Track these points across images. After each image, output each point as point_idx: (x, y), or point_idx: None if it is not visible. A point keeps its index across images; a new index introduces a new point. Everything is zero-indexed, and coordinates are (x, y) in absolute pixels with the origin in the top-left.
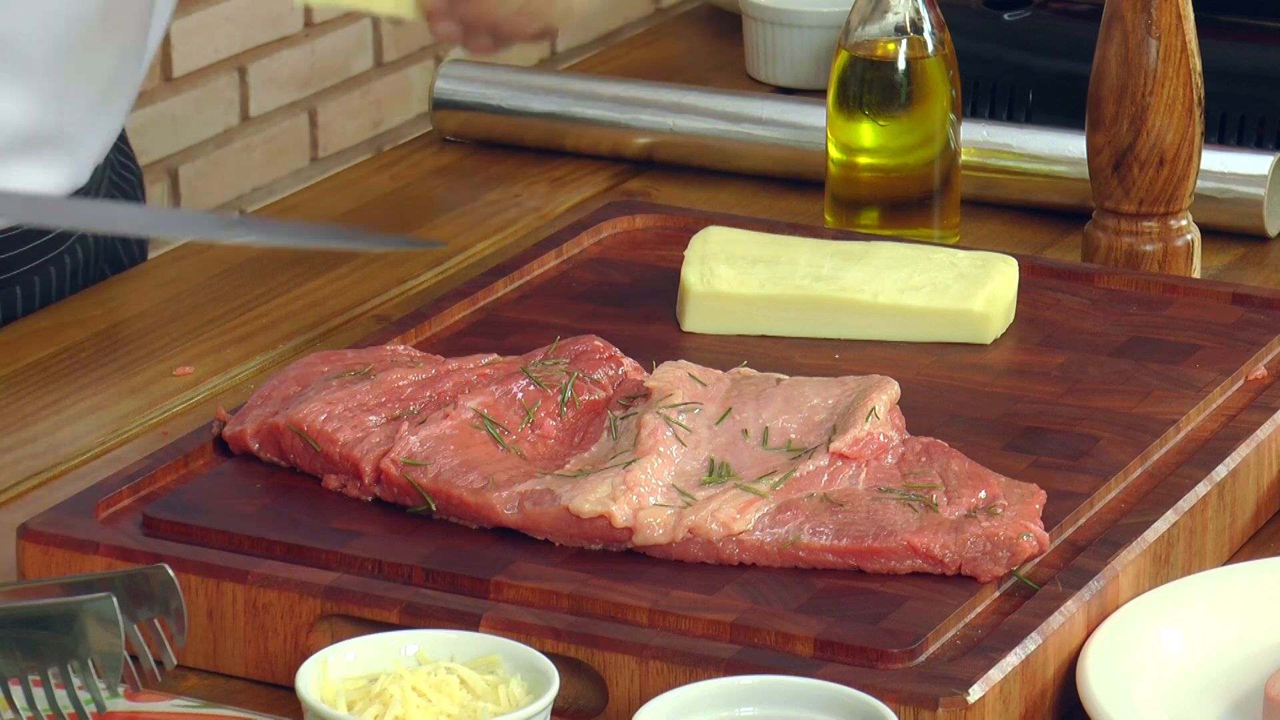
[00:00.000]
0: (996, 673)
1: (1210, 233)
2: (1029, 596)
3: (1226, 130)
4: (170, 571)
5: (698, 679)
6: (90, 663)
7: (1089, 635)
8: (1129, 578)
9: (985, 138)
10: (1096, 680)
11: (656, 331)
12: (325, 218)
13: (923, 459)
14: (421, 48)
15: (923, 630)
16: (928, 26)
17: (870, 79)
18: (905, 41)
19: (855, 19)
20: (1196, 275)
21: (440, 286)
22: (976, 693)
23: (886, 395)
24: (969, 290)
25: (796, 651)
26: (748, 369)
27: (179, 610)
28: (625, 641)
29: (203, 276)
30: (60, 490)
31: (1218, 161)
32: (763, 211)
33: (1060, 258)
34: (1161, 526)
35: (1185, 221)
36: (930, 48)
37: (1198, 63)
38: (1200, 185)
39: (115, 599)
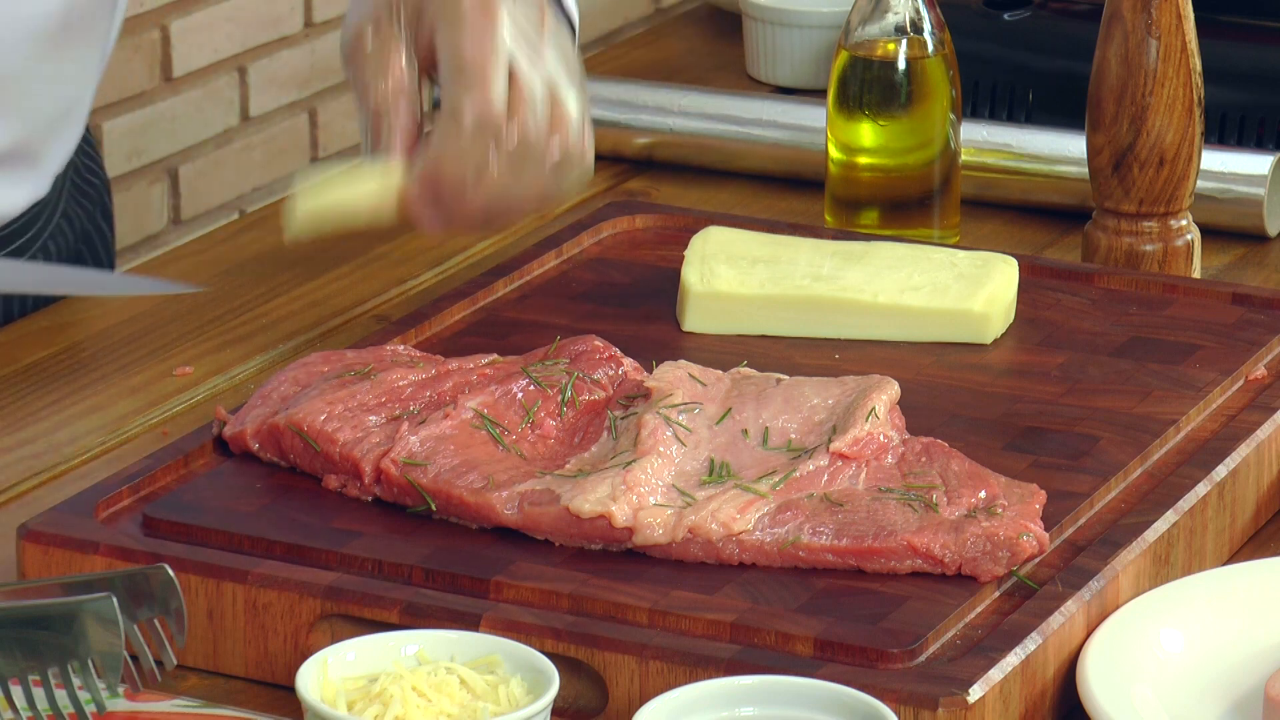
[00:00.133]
0: (996, 673)
1: (1210, 233)
2: (1029, 596)
3: (1226, 130)
4: (170, 571)
5: (698, 679)
6: (90, 663)
7: (1089, 635)
8: (1129, 578)
9: (985, 138)
10: (1096, 680)
11: (656, 331)
12: None
13: (923, 459)
14: None
15: (923, 630)
16: (928, 26)
17: (870, 79)
18: (905, 41)
19: (855, 19)
20: (1196, 275)
21: (440, 286)
22: (976, 693)
23: (886, 395)
24: (969, 290)
25: (796, 651)
26: (748, 369)
27: (179, 610)
28: (625, 641)
29: (203, 276)
30: (60, 490)
31: (1218, 161)
32: (763, 211)
33: (1060, 258)
34: (1161, 526)
35: (1185, 221)
36: (930, 48)
37: (1198, 63)
38: (1200, 185)
39: (115, 599)
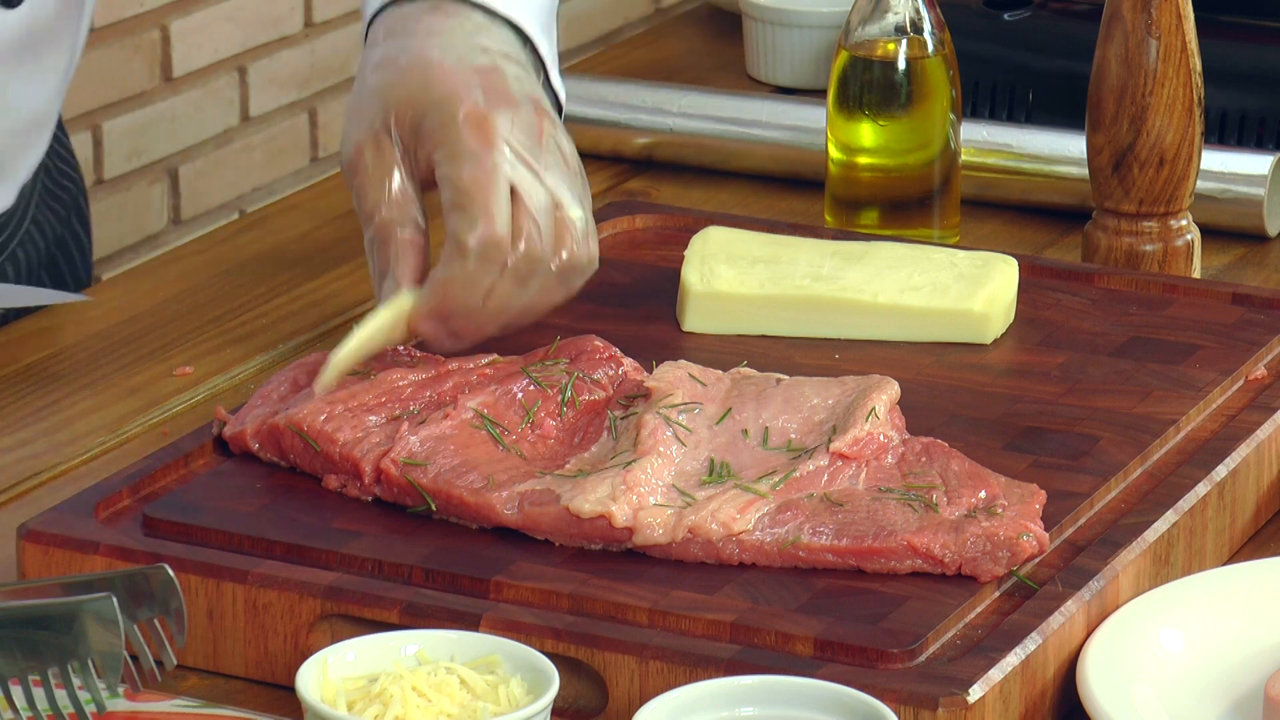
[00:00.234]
0: (996, 673)
1: (1210, 233)
2: (1029, 596)
3: (1226, 130)
4: (170, 571)
5: (698, 679)
6: (90, 663)
7: (1089, 635)
8: (1129, 578)
9: (985, 138)
10: (1096, 680)
11: (656, 331)
12: (325, 217)
13: (923, 459)
14: None
15: (923, 630)
16: (928, 26)
17: (870, 79)
18: (905, 41)
19: (855, 19)
20: (1196, 275)
21: None
22: (976, 693)
23: (886, 395)
24: (969, 290)
25: (796, 651)
26: (748, 369)
27: (179, 610)
28: (625, 641)
29: (203, 276)
30: (60, 490)
31: (1218, 161)
32: (763, 211)
33: (1060, 258)
34: (1161, 526)
35: (1185, 221)
36: (930, 48)
37: (1198, 63)
38: (1200, 185)
39: (115, 599)
